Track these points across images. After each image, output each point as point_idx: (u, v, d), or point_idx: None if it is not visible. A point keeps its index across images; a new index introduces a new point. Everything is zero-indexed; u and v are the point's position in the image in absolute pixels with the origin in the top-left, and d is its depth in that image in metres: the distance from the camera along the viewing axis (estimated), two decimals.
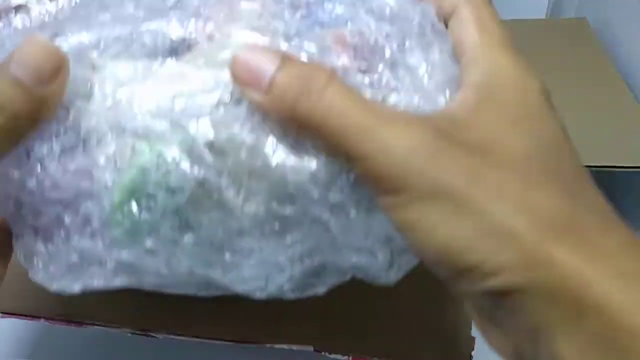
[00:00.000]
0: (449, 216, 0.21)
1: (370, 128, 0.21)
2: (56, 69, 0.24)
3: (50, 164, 0.25)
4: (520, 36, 0.59)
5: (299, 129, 0.22)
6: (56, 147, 0.25)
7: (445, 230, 0.21)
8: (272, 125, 0.23)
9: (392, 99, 0.24)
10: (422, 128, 0.21)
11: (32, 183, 0.25)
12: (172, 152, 0.24)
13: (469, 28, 0.25)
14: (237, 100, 0.24)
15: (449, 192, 0.21)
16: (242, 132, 0.23)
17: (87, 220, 0.26)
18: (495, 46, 0.24)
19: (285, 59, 0.22)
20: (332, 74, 0.22)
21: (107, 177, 0.25)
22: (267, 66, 0.22)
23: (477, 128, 0.22)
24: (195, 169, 0.24)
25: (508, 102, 0.23)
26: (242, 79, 0.23)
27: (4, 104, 0.23)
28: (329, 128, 0.21)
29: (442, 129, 0.22)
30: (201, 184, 0.25)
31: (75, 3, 0.29)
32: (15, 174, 0.26)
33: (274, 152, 0.23)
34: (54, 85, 0.24)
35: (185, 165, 0.24)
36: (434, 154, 0.21)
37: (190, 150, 0.24)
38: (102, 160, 0.25)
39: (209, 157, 0.24)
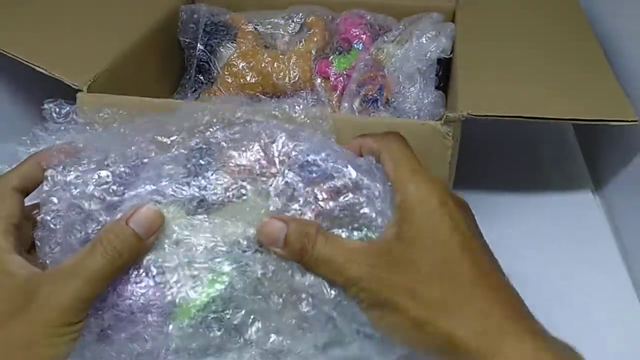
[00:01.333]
0: (402, 325, 0.34)
1: (341, 263, 0.35)
2: (157, 227, 0.37)
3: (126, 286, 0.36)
4: (506, 11, 0.66)
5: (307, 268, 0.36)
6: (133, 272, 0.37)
7: (405, 335, 0.35)
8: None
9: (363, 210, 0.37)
10: (368, 257, 0.35)
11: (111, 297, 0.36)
12: (233, 281, 0.36)
13: (389, 166, 0.37)
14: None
15: (398, 306, 0.34)
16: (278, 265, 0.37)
17: (149, 331, 0.36)
18: (406, 176, 0.36)
19: (289, 225, 0.36)
20: (317, 229, 0.36)
21: (175, 299, 0.36)
22: (280, 233, 0.36)
23: (404, 248, 0.35)
24: (250, 294, 0.36)
25: (418, 221, 0.35)
26: (267, 243, 0.37)
27: (123, 251, 0.35)
28: (320, 270, 0.36)
29: (381, 251, 0.35)
30: (260, 310, 0.37)
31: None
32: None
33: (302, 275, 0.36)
34: (153, 237, 0.37)
35: (242, 291, 0.36)
36: (380, 276, 0.34)
37: (246, 279, 0.36)
38: (173, 285, 0.36)
39: (259, 284, 0.37)
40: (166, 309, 0.36)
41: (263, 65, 0.65)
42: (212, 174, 0.39)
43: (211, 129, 0.42)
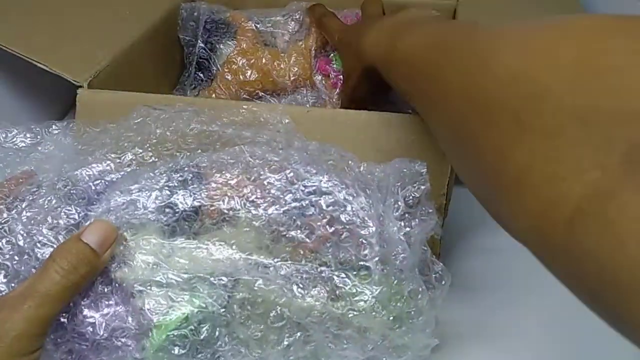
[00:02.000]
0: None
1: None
2: (113, 239, 0.36)
3: (89, 310, 0.35)
4: (506, 9, 0.66)
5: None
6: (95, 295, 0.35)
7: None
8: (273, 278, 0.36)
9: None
10: None
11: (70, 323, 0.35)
12: (205, 301, 0.35)
13: None
14: (250, 266, 0.36)
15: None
16: (255, 285, 0.35)
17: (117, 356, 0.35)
18: None
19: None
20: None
21: (149, 321, 0.35)
22: None
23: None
24: (221, 311, 0.36)
25: None
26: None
27: (78, 265, 0.34)
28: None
29: None
30: (226, 323, 0.36)
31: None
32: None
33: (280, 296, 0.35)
34: (109, 251, 0.35)
35: (215, 309, 0.35)
36: None
37: (218, 299, 0.35)
38: (143, 306, 0.35)
39: (233, 305, 0.36)
40: (130, 333, 0.35)
41: (263, 62, 0.65)
42: (184, 196, 0.37)
43: (169, 146, 0.41)
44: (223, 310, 0.36)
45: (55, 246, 0.36)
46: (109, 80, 0.55)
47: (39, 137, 0.43)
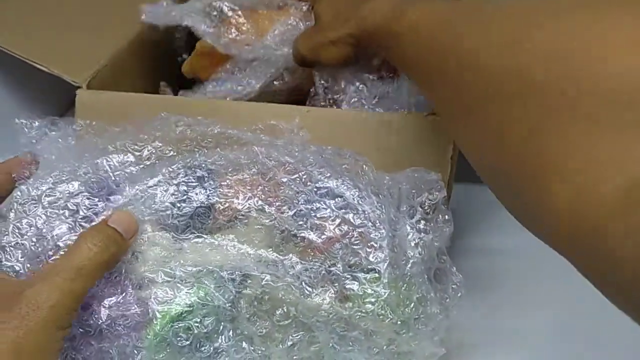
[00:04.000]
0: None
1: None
2: (135, 229, 0.37)
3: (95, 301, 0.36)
4: None
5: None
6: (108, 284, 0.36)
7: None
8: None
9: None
10: None
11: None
12: (211, 294, 0.36)
13: None
14: (259, 263, 0.36)
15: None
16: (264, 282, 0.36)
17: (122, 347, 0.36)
18: None
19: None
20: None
21: (153, 311, 0.35)
22: None
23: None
24: (227, 306, 0.36)
25: None
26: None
27: (109, 245, 0.35)
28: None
29: None
30: (231, 318, 0.36)
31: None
32: None
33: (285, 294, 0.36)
34: (132, 239, 0.37)
35: (221, 303, 0.36)
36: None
37: (225, 293, 0.36)
38: (149, 296, 0.36)
39: (240, 300, 0.36)
40: (134, 321, 0.36)
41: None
42: (199, 193, 0.38)
43: (189, 142, 0.42)
44: (229, 305, 0.36)
45: (73, 232, 0.37)
46: (108, 80, 0.54)
47: (61, 130, 0.43)
